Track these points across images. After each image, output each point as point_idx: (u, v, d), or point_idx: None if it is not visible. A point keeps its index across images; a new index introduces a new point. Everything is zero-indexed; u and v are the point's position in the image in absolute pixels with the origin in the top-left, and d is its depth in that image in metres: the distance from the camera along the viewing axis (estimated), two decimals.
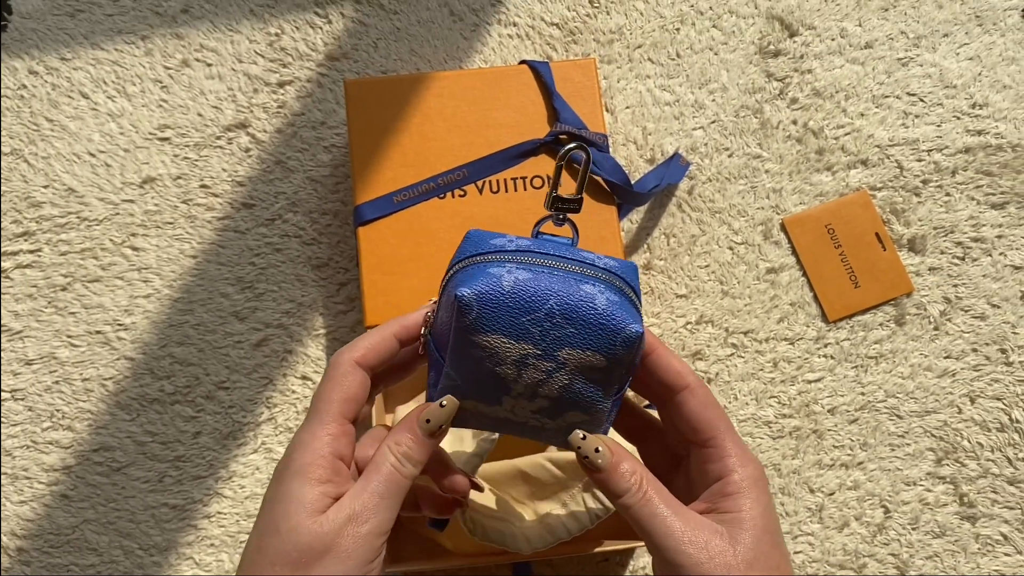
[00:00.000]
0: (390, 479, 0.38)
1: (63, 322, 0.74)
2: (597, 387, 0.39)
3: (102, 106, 0.77)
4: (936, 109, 0.76)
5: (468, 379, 0.39)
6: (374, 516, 0.37)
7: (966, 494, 0.71)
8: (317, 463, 0.38)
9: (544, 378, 0.38)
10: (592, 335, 0.37)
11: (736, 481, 0.39)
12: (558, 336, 0.38)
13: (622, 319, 0.37)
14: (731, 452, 0.40)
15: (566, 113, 0.69)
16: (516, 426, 0.41)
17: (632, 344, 0.37)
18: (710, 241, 0.75)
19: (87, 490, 0.71)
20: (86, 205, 0.75)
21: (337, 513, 0.37)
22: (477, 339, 0.38)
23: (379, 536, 0.37)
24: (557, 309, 0.37)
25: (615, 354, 0.38)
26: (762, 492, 0.40)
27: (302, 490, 0.37)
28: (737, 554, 0.37)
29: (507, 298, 0.37)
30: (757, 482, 0.40)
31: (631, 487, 0.39)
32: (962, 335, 0.73)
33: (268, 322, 0.74)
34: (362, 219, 0.68)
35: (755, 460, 0.41)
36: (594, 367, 0.38)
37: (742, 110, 0.76)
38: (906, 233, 0.75)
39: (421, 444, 0.39)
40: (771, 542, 0.39)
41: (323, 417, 0.39)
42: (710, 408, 0.41)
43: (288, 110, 0.77)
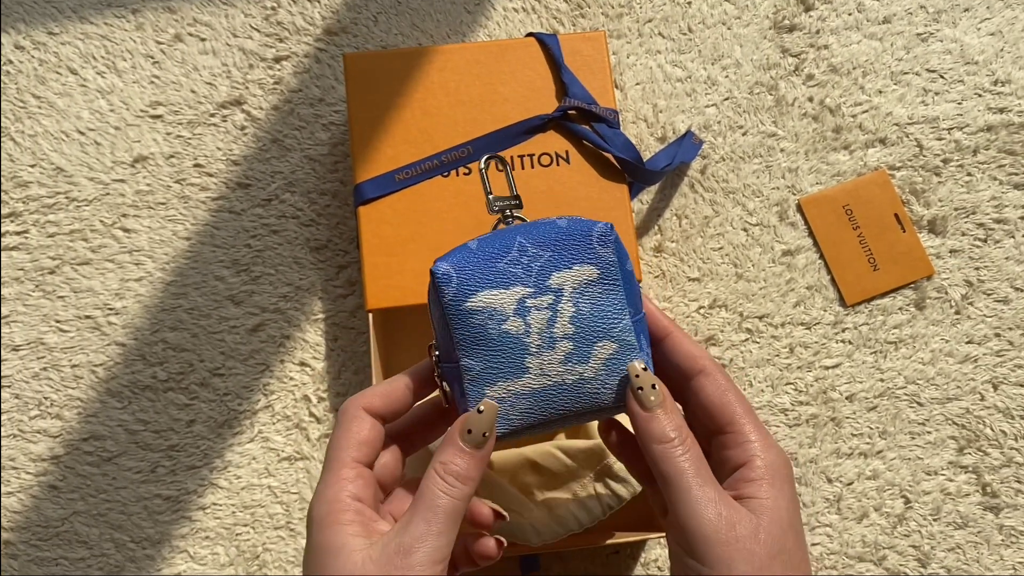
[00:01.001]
0: (438, 503, 0.36)
1: (51, 306, 0.71)
2: (605, 303, 0.39)
3: (91, 82, 0.74)
4: (957, 86, 0.74)
5: (485, 358, 0.39)
6: (423, 544, 0.35)
7: (989, 484, 0.68)
8: (337, 509, 0.37)
9: (551, 315, 0.38)
10: (569, 249, 0.39)
11: (759, 467, 0.37)
12: (540, 266, 0.39)
13: (588, 223, 0.39)
14: (752, 438, 0.38)
15: (575, 87, 0.66)
16: (558, 394, 0.39)
17: (607, 238, 0.39)
18: (724, 222, 0.72)
19: (77, 481, 0.69)
20: (75, 185, 0.72)
21: (382, 550, 0.35)
22: (470, 304, 0.38)
23: (432, 565, 0.35)
24: (527, 242, 0.39)
25: (598, 256, 0.39)
26: (786, 482, 0.38)
27: (327, 538, 0.36)
28: (761, 543, 0.35)
29: (476, 254, 0.39)
30: (780, 471, 0.38)
31: (674, 437, 0.37)
32: (984, 319, 0.71)
33: (265, 306, 0.71)
34: (362, 198, 0.65)
35: (778, 448, 0.39)
36: (589, 281, 0.39)
37: (756, 87, 0.74)
38: (926, 214, 0.72)
39: (469, 459, 0.37)
40: (795, 539, 0.37)
41: (334, 465, 0.38)
42: (728, 393, 0.39)
43: (285, 86, 0.74)
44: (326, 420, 0.69)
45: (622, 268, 0.39)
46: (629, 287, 0.40)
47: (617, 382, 0.39)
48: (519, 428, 0.39)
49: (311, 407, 0.69)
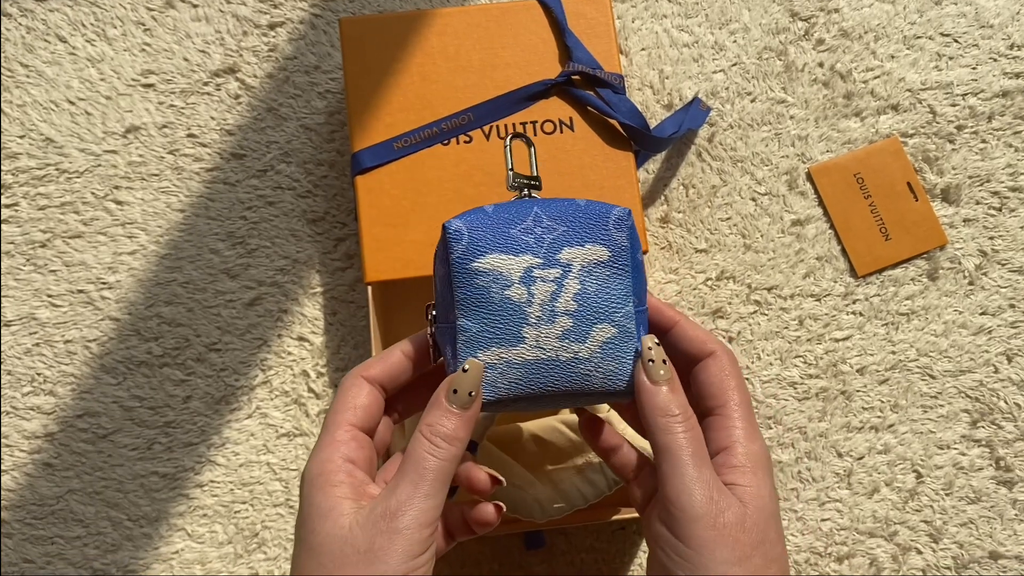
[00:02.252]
0: (424, 465, 0.36)
1: (43, 281, 0.69)
2: (611, 286, 0.39)
3: (81, 50, 0.72)
4: (971, 50, 0.71)
5: (483, 320, 0.38)
6: (410, 508, 0.35)
7: (1003, 458, 0.67)
8: (329, 470, 0.37)
9: (556, 288, 0.38)
10: (584, 227, 0.39)
11: (740, 454, 0.37)
12: (553, 239, 0.38)
13: (606, 205, 0.39)
14: (738, 425, 0.38)
15: (579, 51, 0.64)
16: (550, 369, 0.38)
17: (623, 223, 0.39)
18: (731, 192, 0.70)
19: (71, 458, 0.67)
20: (66, 156, 0.70)
21: (369, 513, 0.35)
22: (477, 264, 0.38)
23: (420, 529, 0.35)
24: (543, 213, 0.39)
25: (612, 239, 0.39)
26: (767, 474, 0.38)
27: (318, 499, 0.36)
28: (747, 531, 0.35)
29: (492, 217, 0.39)
30: (762, 462, 0.38)
31: (678, 413, 0.37)
32: (999, 290, 0.69)
33: (261, 280, 0.69)
34: (360, 167, 0.63)
35: (762, 440, 0.39)
36: (599, 262, 0.38)
37: (765, 52, 0.72)
38: (939, 182, 0.70)
39: (456, 419, 0.37)
40: (776, 531, 0.37)
41: (330, 427, 0.38)
42: (730, 378, 0.39)
43: (280, 54, 0.72)
44: (325, 396, 0.68)
45: (633, 256, 0.39)
46: (637, 276, 0.40)
47: (610, 367, 0.39)
48: (505, 398, 0.39)
49: (310, 382, 0.68)
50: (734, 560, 0.34)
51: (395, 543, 0.34)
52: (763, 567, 0.35)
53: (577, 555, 0.66)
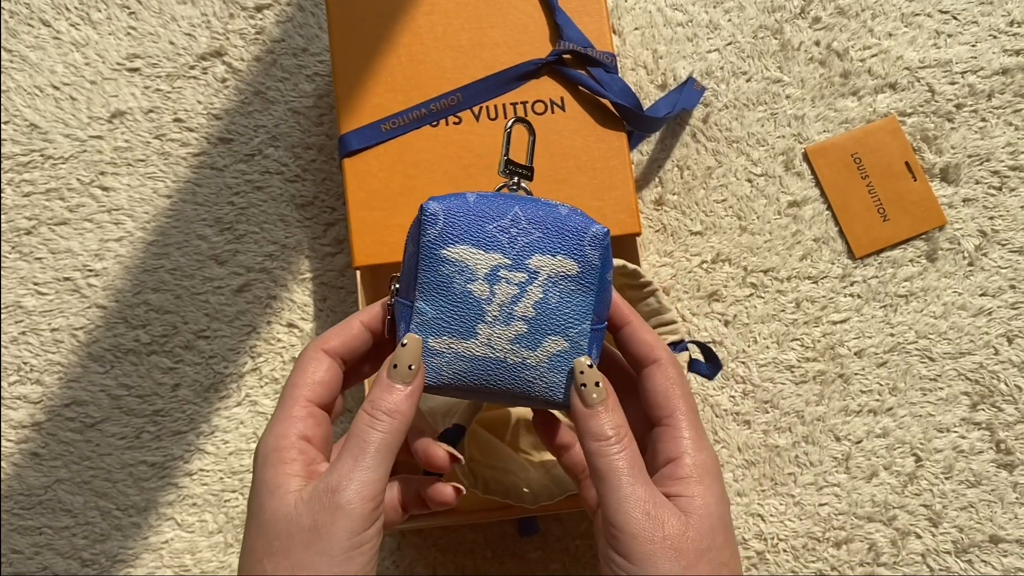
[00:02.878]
0: (366, 439, 0.36)
1: (29, 268, 0.68)
2: (573, 302, 0.38)
3: (65, 34, 0.70)
4: (971, 27, 0.70)
5: (440, 307, 0.38)
6: (352, 482, 0.35)
7: (1003, 440, 0.66)
8: (282, 446, 0.37)
9: (518, 292, 0.38)
10: (560, 238, 0.38)
11: (687, 465, 0.38)
12: (526, 243, 0.38)
13: (587, 220, 0.38)
14: (686, 435, 0.38)
15: (570, 30, 0.63)
16: (496, 369, 0.39)
17: (599, 242, 0.38)
18: (727, 173, 0.69)
19: (59, 448, 0.67)
20: (50, 142, 0.69)
21: (313, 490, 0.35)
22: (446, 252, 0.38)
23: (362, 503, 0.35)
24: (522, 215, 0.38)
25: (584, 255, 0.38)
26: (715, 481, 0.38)
27: (269, 476, 0.36)
28: (689, 541, 0.35)
29: (471, 207, 0.38)
30: (709, 471, 0.38)
31: (612, 435, 0.37)
32: (999, 271, 0.68)
33: (250, 266, 0.68)
34: (347, 149, 0.62)
35: (710, 449, 0.39)
36: (566, 275, 0.38)
37: (761, 30, 0.70)
38: (938, 162, 0.69)
39: (398, 394, 0.37)
40: (724, 536, 0.37)
41: (287, 402, 0.38)
42: (675, 387, 0.39)
43: (267, 36, 0.70)
44: None
45: (602, 275, 0.39)
46: (602, 295, 0.39)
47: (554, 379, 0.39)
48: (448, 385, 0.39)
49: None
50: (679, 569, 0.35)
51: (337, 519, 0.34)
52: (711, 570, 0.35)
53: (571, 541, 0.66)
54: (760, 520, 0.66)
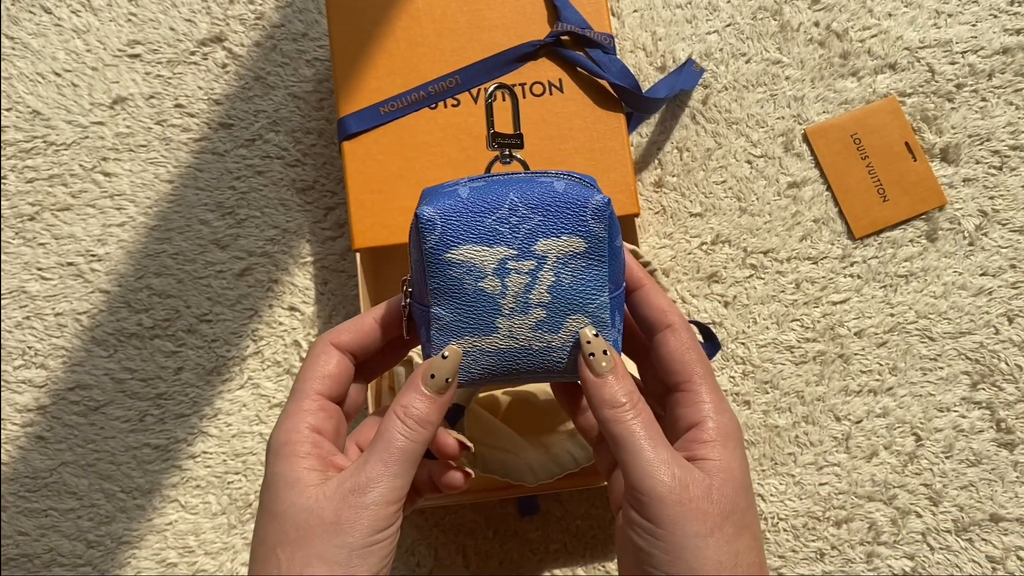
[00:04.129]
0: (396, 445, 0.36)
1: (32, 254, 0.69)
2: (586, 277, 0.37)
3: (66, 21, 0.71)
4: (971, 7, 0.70)
5: (456, 310, 0.38)
6: (378, 485, 0.35)
7: (1003, 420, 0.66)
8: (294, 440, 0.37)
9: (530, 281, 0.37)
10: (560, 217, 0.37)
11: (710, 429, 0.37)
12: (528, 229, 0.37)
13: (585, 193, 0.37)
14: (706, 399, 0.38)
15: (567, 11, 0.63)
16: (522, 356, 0.38)
17: (602, 213, 0.37)
18: (726, 154, 0.69)
19: (64, 431, 0.67)
20: (53, 128, 0.70)
21: (338, 487, 0.35)
22: (450, 255, 0.37)
23: (386, 505, 0.35)
24: (519, 201, 0.37)
25: (589, 230, 0.37)
26: (737, 445, 0.38)
27: (283, 469, 0.36)
28: (714, 503, 0.35)
29: (466, 204, 0.37)
30: (732, 434, 0.38)
31: (625, 402, 0.37)
32: (999, 250, 0.68)
33: (251, 250, 0.69)
34: (346, 132, 0.62)
35: (731, 411, 0.39)
36: (574, 253, 0.37)
37: (760, 12, 0.70)
38: (938, 142, 0.69)
39: (430, 403, 0.37)
40: (747, 500, 0.37)
41: (297, 395, 0.38)
42: (690, 351, 0.39)
43: (267, 21, 0.71)
44: None
45: (611, 244, 0.38)
46: (614, 263, 0.39)
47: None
48: (478, 380, 0.39)
49: (301, 352, 0.67)
50: (705, 532, 0.34)
51: (361, 517, 0.35)
52: (735, 536, 0.35)
53: (572, 521, 0.66)
54: (760, 500, 0.66)
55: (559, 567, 0.65)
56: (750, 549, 0.35)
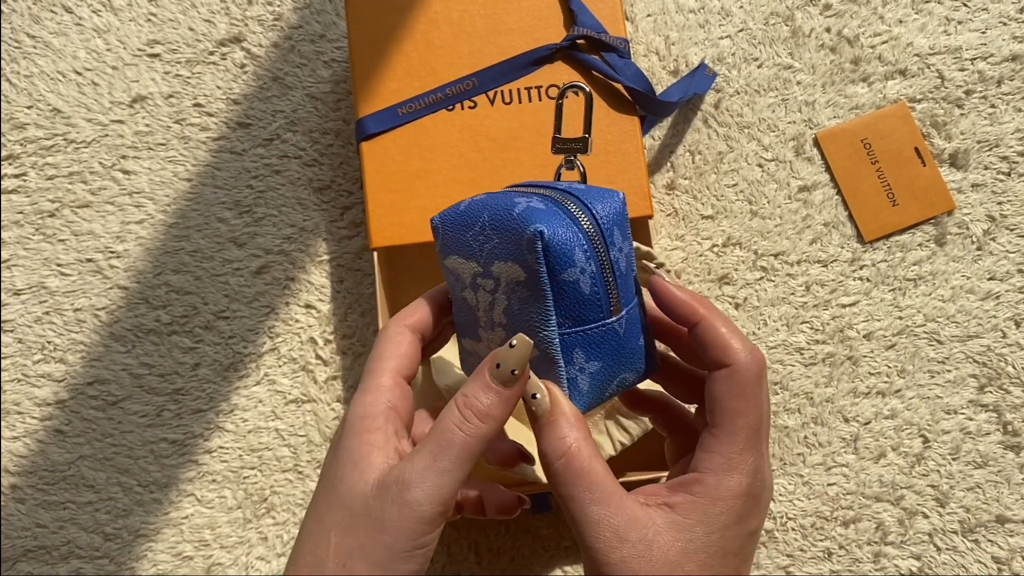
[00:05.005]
0: (450, 438, 0.33)
1: (52, 250, 0.70)
2: (530, 309, 0.35)
3: (87, 21, 0.72)
4: (981, 14, 0.71)
5: (456, 312, 0.39)
6: (425, 481, 0.33)
7: (1010, 422, 0.67)
8: (372, 413, 0.35)
9: (491, 299, 0.36)
10: (510, 242, 0.35)
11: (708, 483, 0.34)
12: (491, 249, 0.36)
13: (528, 220, 0.34)
14: (719, 453, 0.35)
15: (584, 16, 0.64)
16: None
17: (532, 246, 0.33)
18: (738, 158, 0.70)
19: (82, 425, 0.68)
20: (73, 126, 0.71)
21: (387, 476, 0.33)
22: (447, 262, 0.38)
23: (432, 505, 0.33)
24: (488, 221, 0.36)
25: (526, 260, 0.34)
26: (722, 514, 0.34)
27: (353, 444, 0.35)
28: (653, 557, 0.33)
29: (459, 217, 0.37)
30: (728, 497, 0.34)
31: (557, 452, 0.34)
32: (1007, 255, 0.68)
33: (268, 248, 0.70)
34: (365, 133, 0.63)
35: (753, 474, 0.34)
36: (519, 281, 0.35)
37: (772, 17, 0.71)
38: (947, 147, 0.69)
39: (495, 396, 0.34)
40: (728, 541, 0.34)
41: (376, 373, 0.37)
42: (738, 399, 0.35)
43: (285, 22, 0.72)
44: (332, 362, 0.68)
45: (553, 278, 0.34)
46: (562, 300, 0.35)
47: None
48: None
49: (317, 349, 0.68)
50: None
51: (404, 517, 0.33)
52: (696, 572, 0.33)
53: None
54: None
55: (570, 564, 0.66)
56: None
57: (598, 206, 0.35)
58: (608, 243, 0.35)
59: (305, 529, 0.35)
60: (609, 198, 0.36)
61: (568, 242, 0.34)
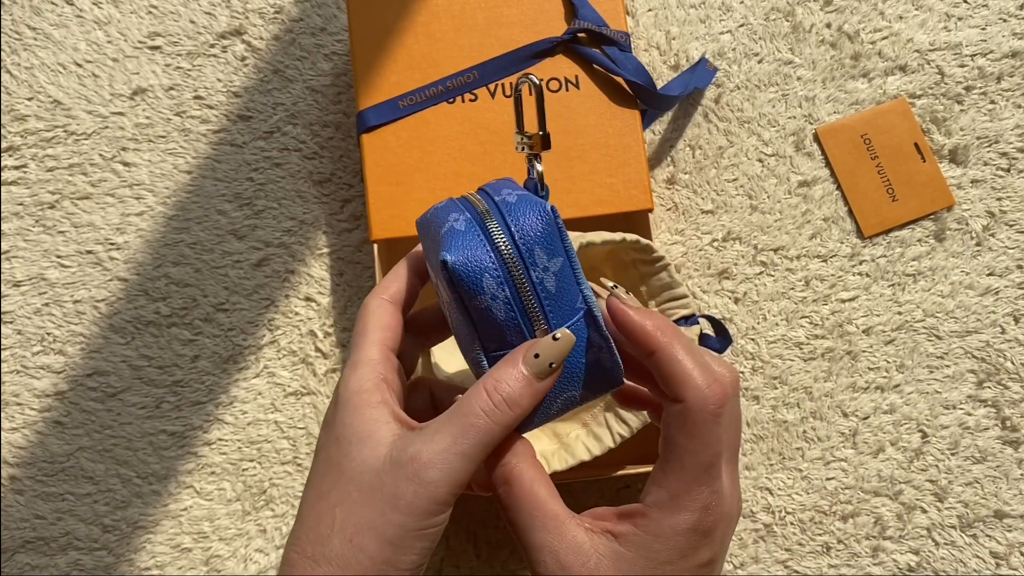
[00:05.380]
0: (475, 423, 0.32)
1: (52, 241, 0.70)
2: (461, 327, 0.35)
3: (88, 13, 0.72)
4: (981, 11, 0.71)
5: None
6: (443, 463, 0.32)
7: (1009, 418, 0.67)
8: (364, 388, 0.35)
9: (449, 315, 0.37)
10: (435, 264, 0.35)
11: (648, 518, 0.34)
12: (432, 265, 0.36)
13: (442, 245, 0.34)
14: (664, 488, 0.34)
15: (585, 9, 0.64)
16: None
17: (441, 272, 0.33)
18: (738, 153, 0.70)
19: (81, 416, 0.68)
20: (73, 118, 0.71)
21: (400, 453, 0.33)
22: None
23: (449, 486, 0.32)
24: (431, 235, 0.37)
25: (443, 286, 0.34)
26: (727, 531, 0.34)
27: (355, 421, 0.34)
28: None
29: (425, 223, 0.38)
30: (671, 539, 0.33)
31: (500, 478, 0.34)
32: (1006, 251, 0.69)
33: (268, 241, 0.70)
34: (365, 125, 0.63)
35: (699, 513, 0.33)
36: (448, 301, 0.35)
37: (772, 12, 0.71)
38: (947, 143, 0.70)
39: (525, 385, 0.33)
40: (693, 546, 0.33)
41: (361, 346, 0.36)
42: (690, 438, 0.34)
43: (286, 15, 0.72)
44: (332, 355, 0.68)
45: (467, 303, 0.34)
46: (480, 324, 0.34)
47: None
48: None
49: (317, 342, 0.68)
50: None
51: (420, 497, 0.32)
52: None
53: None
54: (768, 493, 0.67)
55: None
56: None
57: (521, 224, 0.34)
58: (528, 264, 0.33)
59: (306, 506, 0.34)
60: (535, 214, 0.34)
61: (475, 270, 0.33)
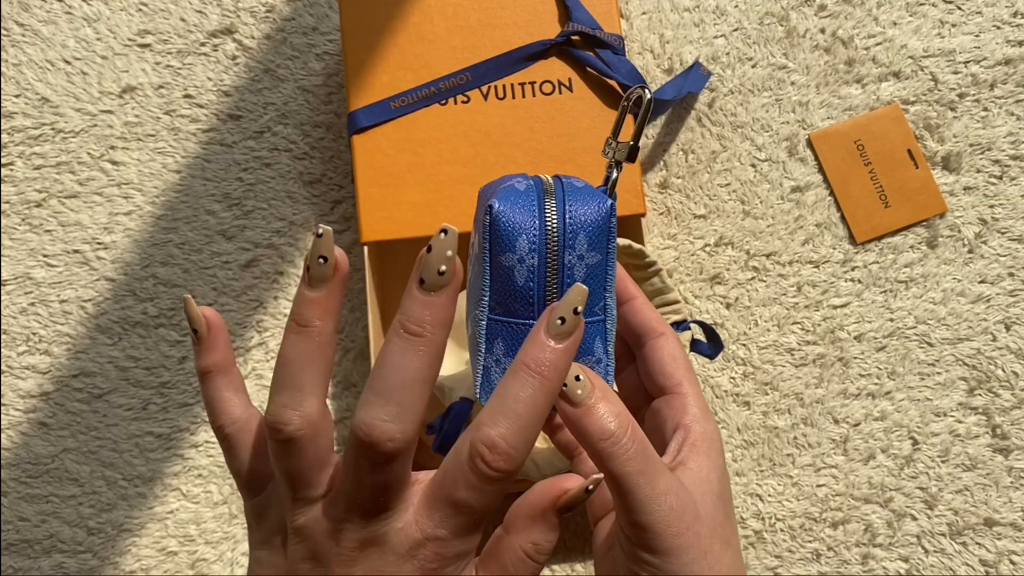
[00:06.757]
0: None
1: (38, 240, 0.69)
2: (475, 284, 0.35)
3: (77, 9, 0.71)
4: (974, 18, 0.71)
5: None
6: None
7: (999, 425, 0.67)
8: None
9: (471, 270, 0.37)
10: (481, 212, 0.34)
11: (697, 432, 0.36)
12: (477, 219, 0.36)
13: (496, 195, 0.33)
14: (692, 404, 0.37)
15: (578, 12, 0.63)
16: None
17: (484, 217, 0.32)
18: (731, 158, 0.70)
19: (67, 418, 0.67)
20: (61, 116, 0.70)
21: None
22: None
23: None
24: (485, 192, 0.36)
25: (482, 231, 0.33)
26: (719, 455, 0.37)
27: None
28: (704, 524, 0.33)
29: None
30: (715, 443, 0.37)
31: (616, 430, 0.32)
32: (998, 258, 0.69)
33: (257, 241, 0.69)
34: (356, 126, 0.63)
35: (714, 422, 0.38)
36: (476, 253, 0.35)
37: (767, 17, 0.71)
38: (940, 150, 0.69)
39: (547, 349, 0.30)
40: (725, 512, 0.35)
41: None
42: (681, 359, 0.39)
43: (277, 14, 0.71)
44: None
45: (493, 256, 0.33)
46: (496, 283, 0.34)
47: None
48: None
49: None
50: (700, 556, 0.33)
51: None
52: (722, 552, 0.34)
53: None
54: (758, 500, 0.66)
55: (559, 563, 0.66)
56: (734, 564, 0.35)
57: (576, 206, 0.33)
58: (565, 244, 0.33)
59: None
60: (594, 204, 0.33)
61: (516, 226, 0.32)
